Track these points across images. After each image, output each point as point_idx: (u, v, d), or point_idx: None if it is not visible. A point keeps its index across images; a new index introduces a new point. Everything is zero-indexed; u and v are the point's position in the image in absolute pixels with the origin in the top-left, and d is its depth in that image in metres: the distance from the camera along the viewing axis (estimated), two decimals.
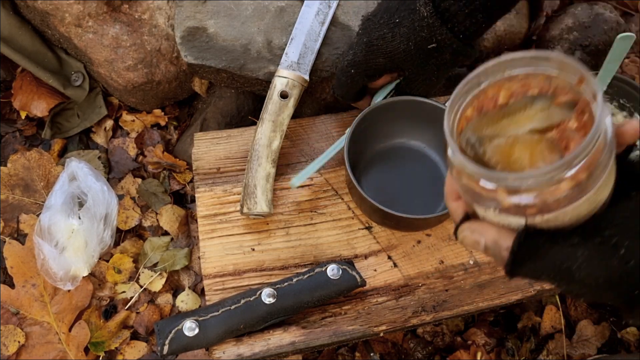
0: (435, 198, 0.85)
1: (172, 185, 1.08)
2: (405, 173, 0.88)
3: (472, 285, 0.84)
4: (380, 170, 0.87)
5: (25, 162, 1.05)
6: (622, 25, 1.10)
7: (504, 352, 0.99)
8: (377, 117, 0.83)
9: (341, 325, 0.80)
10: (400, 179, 0.87)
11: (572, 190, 0.35)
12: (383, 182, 0.86)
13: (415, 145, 0.89)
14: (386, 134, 0.88)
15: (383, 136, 0.88)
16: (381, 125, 0.85)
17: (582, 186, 0.35)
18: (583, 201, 0.36)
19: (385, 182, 0.86)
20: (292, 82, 0.85)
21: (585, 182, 0.35)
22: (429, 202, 0.85)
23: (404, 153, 0.89)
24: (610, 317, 1.01)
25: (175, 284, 1.02)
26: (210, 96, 1.08)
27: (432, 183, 0.86)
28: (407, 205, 0.82)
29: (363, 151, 0.86)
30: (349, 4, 0.93)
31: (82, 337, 0.94)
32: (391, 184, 0.86)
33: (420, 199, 0.85)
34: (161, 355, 0.73)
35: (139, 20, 0.99)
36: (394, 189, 0.86)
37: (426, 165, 0.88)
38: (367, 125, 0.83)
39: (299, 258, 0.84)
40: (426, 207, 0.84)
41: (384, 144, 0.89)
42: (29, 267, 0.97)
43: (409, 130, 0.87)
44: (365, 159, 0.87)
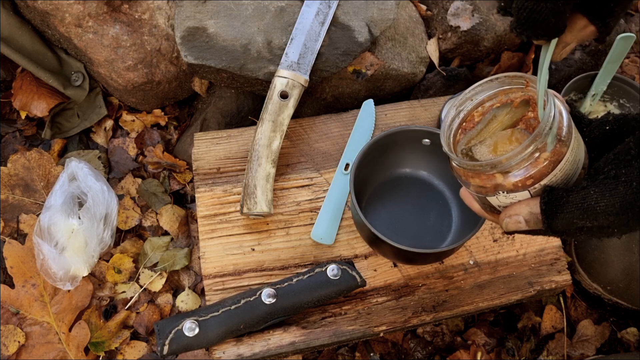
0: (440, 229, 0.84)
1: (172, 185, 1.08)
2: (410, 203, 0.86)
3: (472, 285, 0.84)
4: (386, 200, 0.86)
5: (25, 162, 1.05)
6: (622, 25, 1.10)
7: (504, 352, 0.99)
8: (383, 147, 0.82)
9: (341, 325, 0.80)
10: (406, 208, 0.86)
11: (550, 156, 0.45)
12: (389, 213, 0.85)
13: (421, 175, 0.87)
14: (391, 164, 0.86)
15: (387, 166, 0.86)
16: (387, 155, 0.84)
17: (556, 153, 0.45)
18: (564, 163, 0.45)
19: (391, 213, 0.85)
20: (292, 82, 0.85)
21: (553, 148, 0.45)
22: (436, 232, 0.84)
23: (410, 183, 0.87)
24: (610, 317, 1.01)
25: (175, 284, 1.02)
26: (210, 96, 1.08)
27: (439, 214, 0.85)
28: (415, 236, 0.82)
29: (368, 182, 0.85)
30: (349, 4, 0.93)
31: (82, 337, 0.94)
32: (397, 215, 0.85)
33: (426, 230, 0.85)
34: (161, 355, 0.73)
35: (139, 20, 0.99)
36: (400, 219, 0.85)
37: (432, 195, 0.87)
38: (373, 157, 0.81)
39: (299, 258, 0.84)
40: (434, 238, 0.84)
41: (388, 173, 0.87)
42: (29, 267, 0.97)
43: (415, 160, 0.86)
44: (370, 189, 0.86)
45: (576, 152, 0.47)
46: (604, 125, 0.49)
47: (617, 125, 0.49)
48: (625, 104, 1.03)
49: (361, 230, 0.80)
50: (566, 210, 0.44)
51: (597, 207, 0.42)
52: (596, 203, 0.42)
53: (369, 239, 0.79)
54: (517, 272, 0.85)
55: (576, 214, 0.43)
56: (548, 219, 0.45)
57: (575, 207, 0.43)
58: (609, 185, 0.42)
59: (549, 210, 0.45)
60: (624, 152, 0.43)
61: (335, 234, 0.85)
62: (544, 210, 0.45)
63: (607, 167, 0.43)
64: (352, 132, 0.92)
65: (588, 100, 1.01)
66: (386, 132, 0.80)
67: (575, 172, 0.47)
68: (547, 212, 0.45)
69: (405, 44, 1.02)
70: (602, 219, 0.43)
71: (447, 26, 1.07)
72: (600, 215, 0.43)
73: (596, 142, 0.50)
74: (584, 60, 1.08)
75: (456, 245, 0.74)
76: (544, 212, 0.45)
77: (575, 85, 1.01)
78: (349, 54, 0.91)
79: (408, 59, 1.02)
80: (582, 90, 1.03)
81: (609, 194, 0.42)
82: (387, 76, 1.00)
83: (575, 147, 0.46)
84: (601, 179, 0.43)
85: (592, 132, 0.50)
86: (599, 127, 0.50)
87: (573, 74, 1.06)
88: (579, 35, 0.53)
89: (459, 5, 1.06)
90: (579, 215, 0.43)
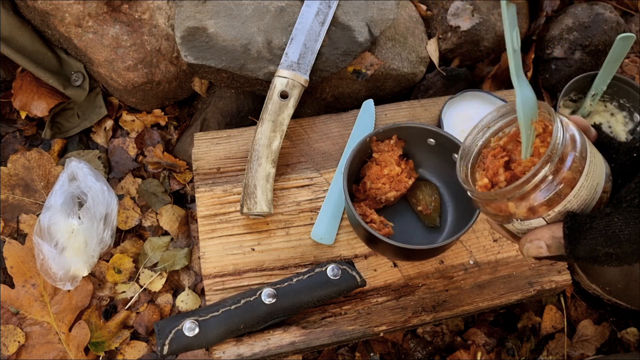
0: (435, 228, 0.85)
1: (172, 185, 1.08)
2: (406, 200, 0.86)
3: (472, 285, 0.84)
4: None
5: (25, 162, 1.05)
6: (622, 25, 1.10)
7: (504, 352, 0.99)
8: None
9: (341, 325, 0.80)
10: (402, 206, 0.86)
11: (557, 183, 0.45)
12: (384, 211, 0.85)
13: (420, 173, 0.87)
14: None
15: None
16: None
17: (567, 179, 0.45)
18: (578, 189, 0.45)
19: (387, 211, 0.85)
20: (292, 82, 0.85)
21: (564, 175, 0.45)
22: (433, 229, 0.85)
23: None
24: (610, 317, 1.01)
25: (175, 284, 1.02)
26: (210, 96, 1.08)
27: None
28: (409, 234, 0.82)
29: None
30: (349, 4, 0.93)
31: (82, 337, 0.94)
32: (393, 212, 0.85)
33: (423, 227, 0.85)
34: (161, 355, 0.73)
35: (139, 20, 0.99)
36: (397, 217, 0.85)
37: None
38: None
39: (299, 258, 0.84)
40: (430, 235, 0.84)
41: None
42: (29, 267, 0.97)
43: (414, 158, 0.86)
44: None
45: (593, 177, 0.46)
46: (631, 151, 0.49)
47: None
48: (625, 104, 1.03)
49: (357, 229, 0.80)
50: (589, 237, 0.44)
51: (621, 235, 0.43)
52: (620, 231, 0.43)
53: (365, 238, 0.79)
54: (517, 272, 0.85)
55: (599, 240, 0.44)
56: (571, 244, 0.46)
57: (599, 233, 0.44)
58: (633, 213, 0.43)
59: (571, 235, 0.45)
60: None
61: (335, 234, 0.85)
62: (567, 235, 0.46)
63: (631, 196, 0.44)
64: (352, 132, 0.92)
65: (588, 100, 1.01)
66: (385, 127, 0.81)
67: (593, 197, 0.47)
68: (570, 237, 0.45)
69: (405, 44, 1.02)
70: (626, 246, 0.43)
71: (447, 26, 1.07)
72: (624, 243, 0.43)
73: (623, 168, 0.49)
74: (584, 60, 1.08)
75: (451, 241, 0.74)
76: (567, 237, 0.46)
77: (575, 85, 1.01)
78: (349, 54, 0.91)
79: (408, 59, 1.02)
80: (582, 90, 1.03)
81: (633, 222, 0.42)
82: (387, 76, 1.00)
83: (591, 172, 0.46)
84: (625, 207, 0.43)
85: (619, 159, 0.50)
86: (626, 153, 0.50)
87: (573, 74, 1.06)
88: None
89: (459, 5, 1.06)
90: (603, 242, 0.44)
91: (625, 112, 1.03)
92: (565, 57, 1.09)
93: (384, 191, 0.81)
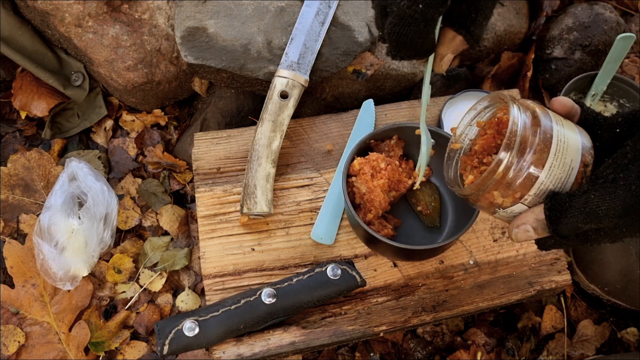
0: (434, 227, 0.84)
1: (172, 185, 1.08)
2: (406, 201, 0.86)
3: (472, 285, 0.84)
4: None
5: (25, 162, 1.05)
6: (622, 25, 1.10)
7: (504, 352, 0.99)
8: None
9: (341, 325, 0.80)
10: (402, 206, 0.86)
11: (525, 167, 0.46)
12: None
13: None
14: None
15: None
16: None
17: (535, 161, 0.46)
18: (548, 168, 0.46)
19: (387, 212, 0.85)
20: (292, 82, 0.85)
21: (529, 158, 0.46)
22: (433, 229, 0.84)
23: None
24: (610, 317, 1.01)
25: (175, 284, 1.02)
26: (210, 96, 1.08)
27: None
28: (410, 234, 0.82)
29: None
30: (349, 4, 0.93)
31: (82, 337, 0.94)
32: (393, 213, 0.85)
33: (423, 227, 0.84)
34: (161, 355, 0.73)
35: (139, 20, 0.99)
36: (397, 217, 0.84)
37: None
38: None
39: (299, 258, 0.84)
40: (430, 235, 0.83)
41: None
42: (29, 267, 0.97)
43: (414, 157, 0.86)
44: None
45: (564, 155, 0.47)
46: (613, 127, 0.50)
47: (627, 127, 0.49)
48: (625, 104, 1.03)
49: (357, 229, 0.80)
50: (570, 215, 0.45)
51: (599, 211, 0.44)
52: (597, 207, 0.44)
53: (365, 238, 0.79)
54: (517, 272, 0.85)
55: (579, 217, 0.45)
56: (553, 223, 0.47)
57: (578, 211, 0.45)
58: (608, 189, 0.43)
59: (553, 215, 0.46)
60: (621, 156, 0.44)
61: (335, 233, 0.85)
62: (548, 215, 0.47)
63: (606, 172, 0.44)
64: (352, 132, 0.92)
65: (588, 100, 1.01)
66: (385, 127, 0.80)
67: (569, 173, 0.48)
68: (552, 217, 0.47)
69: None
70: (606, 221, 0.44)
71: None
72: (603, 219, 0.44)
73: (608, 145, 0.50)
74: (584, 60, 1.08)
75: (451, 241, 0.74)
76: (548, 217, 0.47)
77: (575, 85, 1.01)
78: (349, 54, 0.91)
79: None
80: (582, 90, 1.03)
81: (609, 197, 0.43)
82: (387, 76, 1.00)
83: (561, 150, 0.47)
84: (601, 183, 0.44)
85: (602, 136, 0.50)
86: (609, 129, 0.50)
87: (573, 74, 1.06)
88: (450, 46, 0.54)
89: None
90: (583, 219, 0.45)
91: None
92: (565, 57, 1.09)
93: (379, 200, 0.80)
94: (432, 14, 0.49)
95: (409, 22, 0.49)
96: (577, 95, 1.04)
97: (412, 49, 0.52)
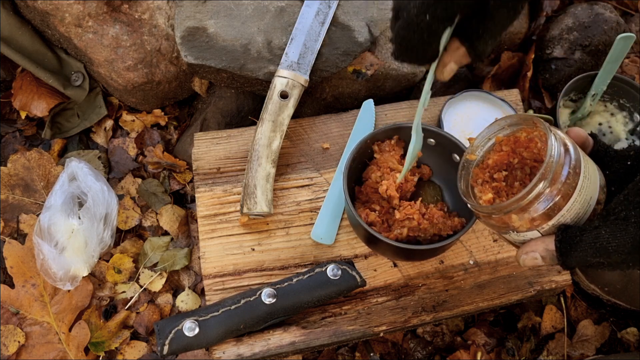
0: None
1: (172, 185, 1.08)
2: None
3: (472, 285, 0.84)
4: None
5: (25, 162, 1.05)
6: (622, 25, 1.10)
7: (504, 352, 0.99)
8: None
9: (341, 325, 0.80)
10: None
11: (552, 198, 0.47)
12: None
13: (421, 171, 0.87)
14: None
15: None
16: None
17: (561, 194, 0.47)
18: (571, 203, 0.47)
19: None
20: (292, 82, 0.85)
21: (558, 190, 0.47)
22: None
23: None
24: (610, 317, 1.01)
25: (175, 284, 1.02)
26: (210, 96, 1.08)
27: None
28: None
29: None
30: (349, 4, 0.93)
31: (82, 337, 0.94)
32: None
33: None
34: (161, 355, 0.73)
35: (139, 20, 0.99)
36: None
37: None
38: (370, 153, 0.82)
39: (299, 258, 0.84)
40: None
41: None
42: (29, 267, 0.97)
43: None
44: None
45: (586, 192, 0.49)
46: (625, 159, 0.51)
47: (638, 160, 0.51)
48: (625, 104, 1.03)
49: (357, 229, 0.80)
50: (580, 249, 0.47)
51: (609, 247, 0.45)
52: (608, 243, 0.45)
53: (365, 238, 0.79)
54: (517, 272, 0.85)
55: (589, 252, 0.46)
56: (562, 256, 0.48)
57: (588, 246, 0.46)
58: (619, 226, 0.45)
59: (563, 248, 0.48)
60: (633, 193, 0.45)
61: (335, 233, 0.85)
62: (559, 248, 0.48)
63: (618, 208, 0.45)
64: (352, 132, 0.92)
65: (588, 100, 1.01)
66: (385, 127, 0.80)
67: (586, 210, 0.49)
68: (562, 250, 0.48)
69: None
70: (614, 257, 0.45)
71: None
72: (612, 254, 0.45)
73: (618, 177, 0.52)
74: (584, 60, 1.08)
75: (451, 241, 0.74)
76: (559, 250, 0.48)
77: (575, 85, 1.01)
78: (349, 54, 0.91)
79: None
80: (582, 90, 1.03)
81: (620, 234, 0.44)
82: (387, 76, 1.00)
83: (585, 187, 0.48)
84: (612, 220, 0.45)
85: (612, 166, 0.51)
86: (620, 161, 0.52)
87: (573, 74, 1.06)
88: (454, 55, 0.55)
89: None
90: (592, 254, 0.46)
91: (625, 112, 1.03)
92: (565, 57, 1.09)
93: None
94: (436, 26, 0.51)
95: (415, 30, 0.52)
96: (577, 95, 1.04)
97: (414, 55, 0.55)
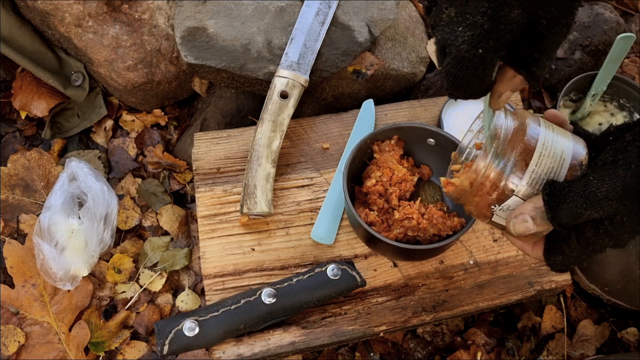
0: None
1: (172, 185, 1.08)
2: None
3: (472, 285, 0.84)
4: None
5: (25, 162, 1.05)
6: (622, 25, 1.10)
7: (504, 352, 0.99)
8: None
9: (341, 325, 0.80)
10: None
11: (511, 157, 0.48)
12: None
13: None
14: None
15: None
16: None
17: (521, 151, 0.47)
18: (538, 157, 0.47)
19: None
20: (292, 82, 0.85)
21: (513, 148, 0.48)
22: None
23: None
24: (610, 317, 1.01)
25: (175, 284, 1.02)
26: (210, 96, 1.08)
27: None
28: None
29: None
30: (349, 4, 0.93)
31: (82, 337, 0.94)
32: None
33: None
34: (161, 355, 0.73)
35: (139, 20, 0.99)
36: None
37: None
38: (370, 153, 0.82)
39: (299, 258, 0.84)
40: None
41: None
42: (29, 267, 0.97)
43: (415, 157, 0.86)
44: None
45: (554, 145, 0.48)
46: (607, 136, 0.50)
47: (620, 134, 0.49)
48: (625, 104, 1.03)
49: (357, 229, 0.80)
50: (569, 200, 0.44)
51: (598, 193, 0.43)
52: (597, 189, 0.43)
53: (365, 238, 0.79)
54: (517, 272, 0.85)
55: (579, 202, 0.44)
56: (552, 209, 0.46)
57: (577, 195, 0.44)
58: (607, 169, 0.43)
59: (551, 201, 0.46)
60: (620, 141, 0.44)
61: (335, 233, 0.85)
62: (547, 201, 0.46)
63: (605, 156, 0.44)
64: (352, 132, 0.92)
65: (588, 100, 1.01)
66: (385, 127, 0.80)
67: (561, 164, 0.48)
68: (550, 202, 0.46)
69: (405, 44, 1.02)
70: (606, 205, 0.43)
71: None
72: (603, 202, 0.42)
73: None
74: (584, 60, 1.08)
75: (451, 241, 0.74)
76: (547, 203, 0.46)
77: (575, 85, 1.01)
78: (349, 54, 0.91)
79: (408, 59, 1.02)
80: (582, 90, 1.03)
81: (609, 178, 0.42)
82: (387, 76, 1.00)
83: (550, 140, 0.48)
84: (600, 166, 0.44)
85: (597, 147, 0.50)
86: (602, 140, 0.50)
87: (573, 74, 1.06)
88: (510, 84, 0.53)
89: None
90: (582, 204, 0.44)
91: (625, 112, 1.03)
92: (565, 57, 1.09)
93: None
94: (491, 58, 0.48)
95: (467, 66, 0.48)
96: (577, 95, 1.04)
97: (468, 91, 0.51)
